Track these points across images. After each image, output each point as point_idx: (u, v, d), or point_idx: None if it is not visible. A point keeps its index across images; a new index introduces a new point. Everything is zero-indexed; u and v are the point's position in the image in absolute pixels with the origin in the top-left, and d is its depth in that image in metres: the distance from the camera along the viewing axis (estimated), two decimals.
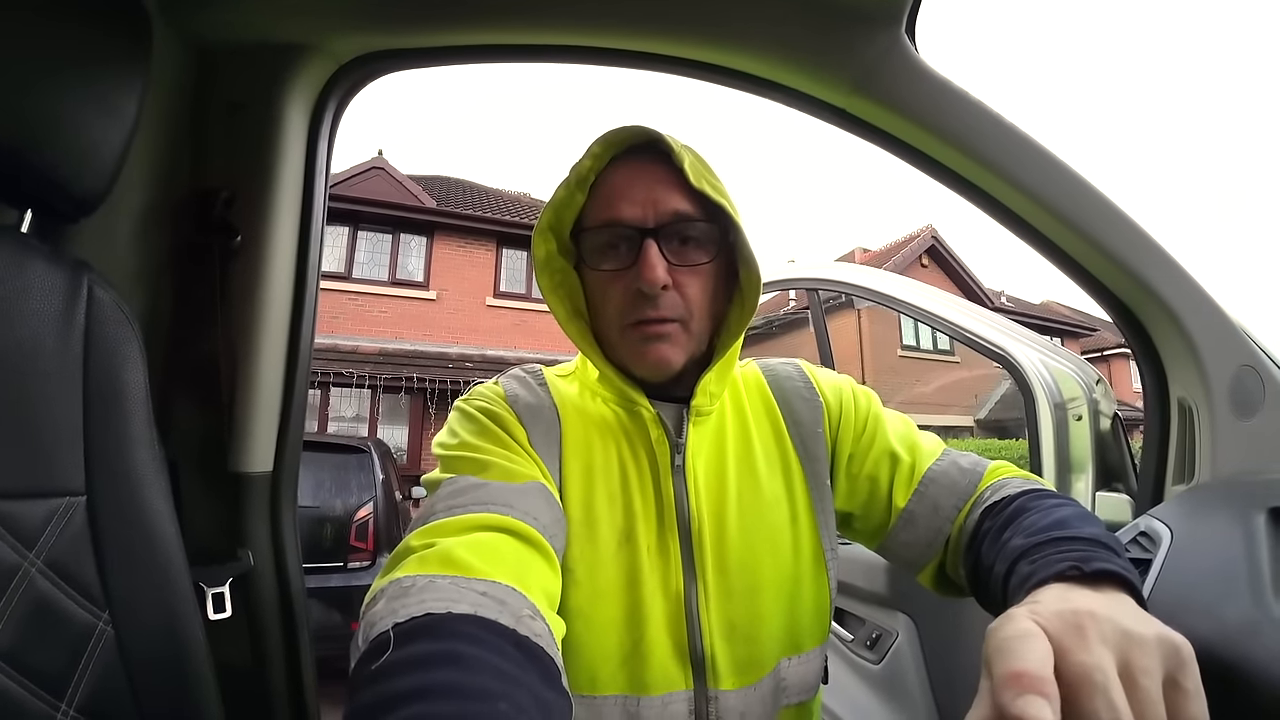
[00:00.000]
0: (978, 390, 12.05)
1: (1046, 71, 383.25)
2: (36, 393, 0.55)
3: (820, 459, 0.69)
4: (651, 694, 0.58)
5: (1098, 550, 0.44)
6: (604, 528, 0.61)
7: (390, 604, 0.40)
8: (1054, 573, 0.42)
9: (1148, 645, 0.33)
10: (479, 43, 0.83)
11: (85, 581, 0.57)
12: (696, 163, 0.61)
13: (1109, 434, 1.11)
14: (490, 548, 0.47)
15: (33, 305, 0.56)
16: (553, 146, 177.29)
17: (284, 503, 0.84)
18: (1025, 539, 0.49)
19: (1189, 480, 0.85)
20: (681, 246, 0.61)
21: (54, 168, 0.58)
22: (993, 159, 0.79)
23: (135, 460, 0.61)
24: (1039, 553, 0.46)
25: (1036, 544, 0.48)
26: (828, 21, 0.74)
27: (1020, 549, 0.49)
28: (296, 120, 0.84)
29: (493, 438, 0.60)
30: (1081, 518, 0.51)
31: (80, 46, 0.59)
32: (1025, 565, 0.46)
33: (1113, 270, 0.82)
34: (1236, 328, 0.83)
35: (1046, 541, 0.47)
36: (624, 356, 0.63)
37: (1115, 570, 0.41)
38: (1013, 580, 0.47)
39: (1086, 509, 0.55)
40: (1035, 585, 0.42)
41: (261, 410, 0.81)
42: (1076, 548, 0.45)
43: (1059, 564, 0.43)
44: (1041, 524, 0.50)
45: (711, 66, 0.83)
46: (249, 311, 0.80)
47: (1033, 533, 0.50)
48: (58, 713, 0.53)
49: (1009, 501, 0.58)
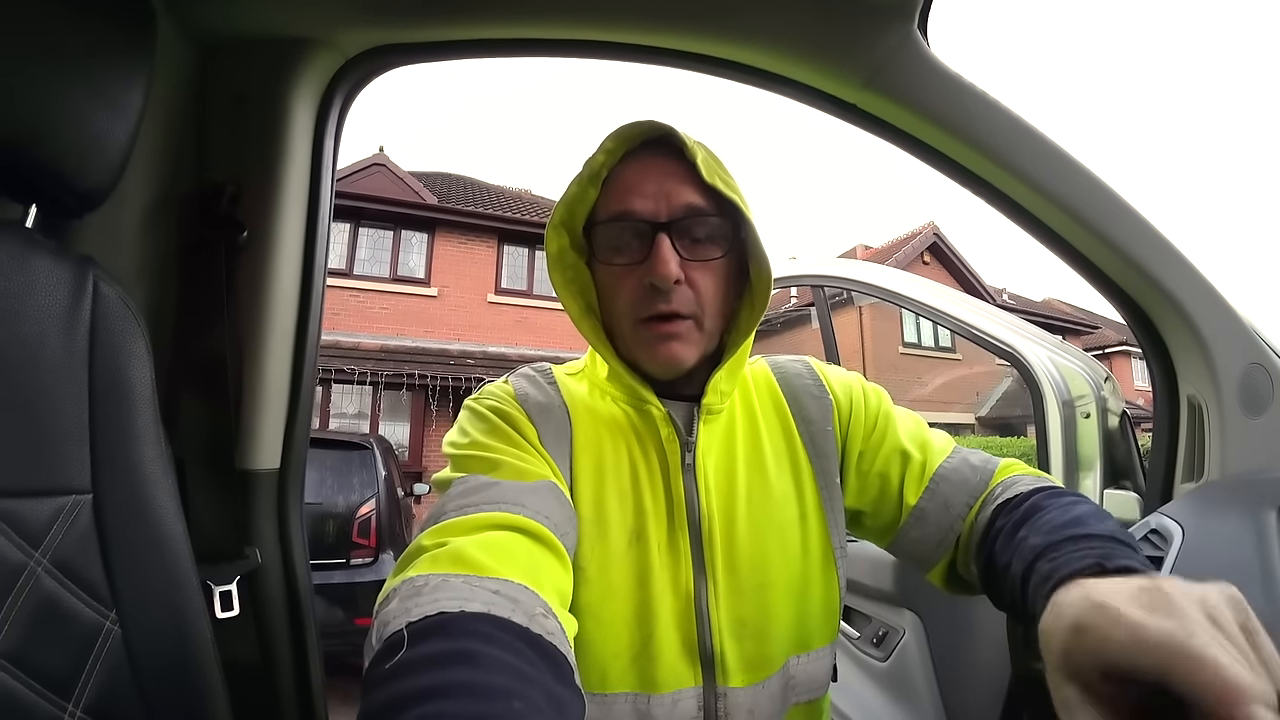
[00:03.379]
0: (979, 387, 12.05)
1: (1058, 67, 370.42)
2: (41, 389, 0.55)
3: (830, 456, 0.69)
4: (661, 691, 0.58)
5: (1118, 548, 0.44)
6: (614, 526, 0.60)
7: (403, 603, 0.40)
8: (1075, 570, 0.42)
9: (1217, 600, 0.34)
10: (487, 37, 0.83)
11: (92, 580, 0.57)
12: (709, 158, 0.60)
13: (1117, 431, 1.11)
14: (502, 547, 0.47)
15: (37, 301, 0.55)
16: (555, 143, 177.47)
17: (291, 500, 0.83)
18: (1043, 537, 0.49)
19: (1198, 478, 0.85)
20: (694, 242, 0.60)
21: (58, 162, 0.58)
22: (1004, 155, 0.78)
23: (142, 457, 0.61)
24: (1058, 551, 0.46)
25: (1054, 542, 0.47)
26: (839, 16, 0.73)
27: (1038, 548, 0.48)
28: (303, 115, 0.83)
29: (503, 436, 0.60)
30: (1097, 515, 0.51)
31: (85, 41, 0.59)
32: (1044, 564, 0.46)
33: (1123, 267, 0.82)
34: (1246, 326, 0.83)
35: (1065, 540, 0.47)
36: (636, 353, 0.62)
37: (1137, 568, 0.41)
38: (1033, 579, 0.47)
39: (1099, 507, 0.55)
40: (1057, 583, 0.42)
41: (268, 407, 0.81)
42: (1096, 545, 0.45)
43: (1080, 561, 0.43)
44: (1058, 522, 0.50)
45: (723, 61, 0.82)
46: (256, 308, 0.79)
47: (1049, 530, 0.49)
48: (64, 713, 0.53)
49: (1023, 499, 0.58)
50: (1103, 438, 1.10)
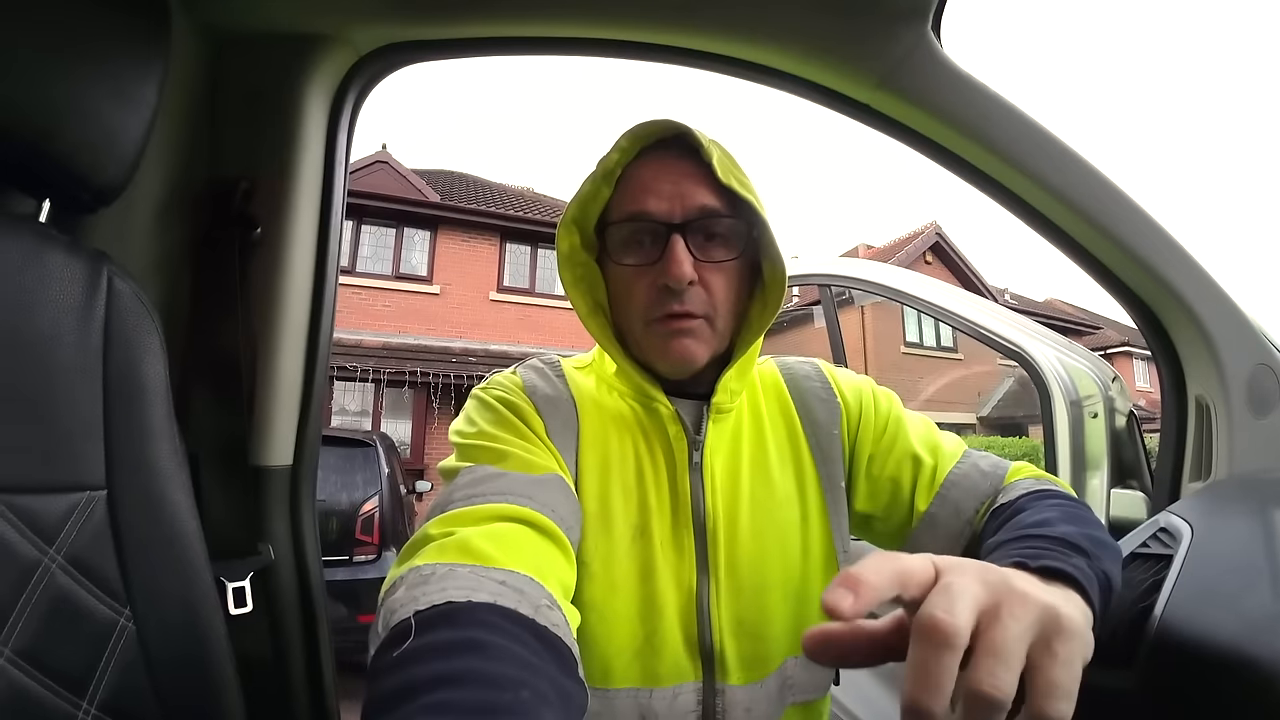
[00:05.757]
0: (981, 387, 12.04)
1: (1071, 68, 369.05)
2: (56, 385, 0.55)
3: (836, 460, 0.69)
4: (663, 685, 0.58)
5: (1055, 550, 0.42)
6: (619, 521, 0.60)
7: (410, 591, 0.40)
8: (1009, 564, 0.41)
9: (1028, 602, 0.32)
10: (499, 35, 0.82)
11: (106, 577, 0.56)
12: (724, 158, 0.60)
13: (1124, 431, 1.11)
14: (509, 539, 0.47)
15: (52, 296, 0.55)
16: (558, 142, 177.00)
17: (303, 496, 0.83)
18: (1002, 535, 0.49)
19: (1205, 477, 0.85)
20: (708, 242, 0.60)
21: (72, 158, 0.58)
22: (1015, 155, 0.78)
23: (156, 454, 0.60)
24: (1004, 548, 0.46)
25: (1005, 540, 0.47)
26: (853, 16, 0.73)
27: (993, 546, 0.48)
28: (316, 112, 0.83)
29: (511, 428, 0.60)
30: (1069, 519, 0.49)
31: (99, 35, 0.59)
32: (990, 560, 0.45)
33: (1132, 268, 0.82)
34: (1254, 327, 0.83)
35: (1015, 539, 0.47)
36: (647, 351, 0.62)
37: (1064, 569, 0.39)
38: None
39: (1083, 511, 0.54)
40: None
41: (282, 403, 0.81)
42: (1035, 546, 0.44)
43: (1006, 560, 0.41)
44: (1024, 522, 0.50)
45: (735, 61, 0.82)
46: (269, 304, 0.79)
47: (1012, 529, 0.50)
48: (79, 710, 0.53)
49: (1012, 503, 0.58)
50: (1110, 437, 1.10)
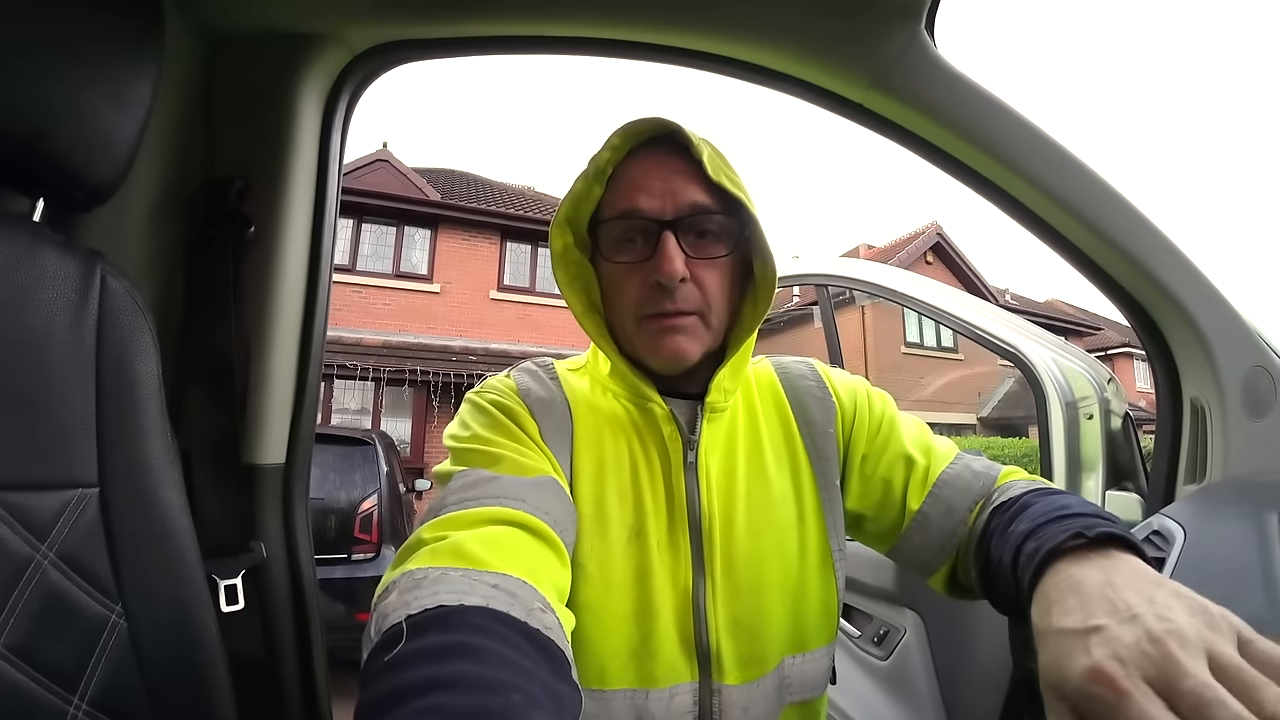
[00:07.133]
0: (981, 388, 12.04)
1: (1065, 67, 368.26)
2: (49, 383, 0.55)
3: (831, 459, 0.69)
4: (659, 686, 0.58)
5: (1097, 520, 0.45)
6: (614, 523, 0.61)
7: (403, 596, 0.40)
8: (1058, 544, 0.43)
9: (1220, 627, 0.34)
10: (495, 34, 0.82)
11: (98, 574, 0.57)
12: (715, 155, 0.60)
13: (1120, 433, 1.11)
14: (502, 542, 0.47)
15: (45, 294, 0.55)
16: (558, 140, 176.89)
17: (296, 495, 0.83)
18: (1029, 524, 0.50)
19: (1200, 480, 0.85)
20: (699, 239, 0.60)
21: (66, 156, 0.58)
22: (1010, 156, 0.78)
23: (148, 451, 0.61)
24: (1042, 531, 0.47)
25: (1039, 525, 0.48)
26: (847, 16, 0.73)
27: (1025, 533, 0.49)
28: (310, 111, 0.83)
29: (504, 431, 0.60)
30: (1084, 504, 0.52)
31: (94, 35, 0.59)
32: (1030, 544, 0.47)
33: (1128, 269, 0.82)
34: (1249, 329, 0.83)
35: (1049, 521, 0.48)
36: (639, 349, 0.62)
37: (1118, 534, 0.43)
38: (1020, 560, 0.48)
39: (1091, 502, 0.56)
40: (1042, 559, 0.44)
41: (275, 402, 0.81)
42: (1078, 520, 0.46)
43: (1061, 535, 0.44)
44: (1045, 510, 0.51)
45: (729, 60, 0.82)
46: (263, 303, 0.79)
47: (1035, 518, 0.50)
48: (70, 706, 0.53)
49: (1015, 499, 0.58)
50: (1105, 439, 1.10)
